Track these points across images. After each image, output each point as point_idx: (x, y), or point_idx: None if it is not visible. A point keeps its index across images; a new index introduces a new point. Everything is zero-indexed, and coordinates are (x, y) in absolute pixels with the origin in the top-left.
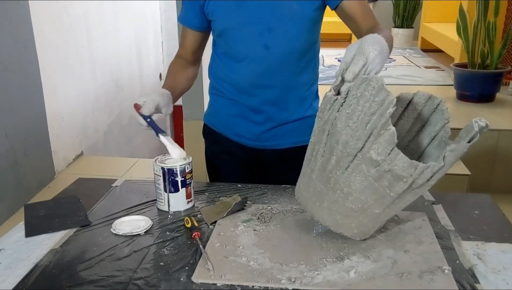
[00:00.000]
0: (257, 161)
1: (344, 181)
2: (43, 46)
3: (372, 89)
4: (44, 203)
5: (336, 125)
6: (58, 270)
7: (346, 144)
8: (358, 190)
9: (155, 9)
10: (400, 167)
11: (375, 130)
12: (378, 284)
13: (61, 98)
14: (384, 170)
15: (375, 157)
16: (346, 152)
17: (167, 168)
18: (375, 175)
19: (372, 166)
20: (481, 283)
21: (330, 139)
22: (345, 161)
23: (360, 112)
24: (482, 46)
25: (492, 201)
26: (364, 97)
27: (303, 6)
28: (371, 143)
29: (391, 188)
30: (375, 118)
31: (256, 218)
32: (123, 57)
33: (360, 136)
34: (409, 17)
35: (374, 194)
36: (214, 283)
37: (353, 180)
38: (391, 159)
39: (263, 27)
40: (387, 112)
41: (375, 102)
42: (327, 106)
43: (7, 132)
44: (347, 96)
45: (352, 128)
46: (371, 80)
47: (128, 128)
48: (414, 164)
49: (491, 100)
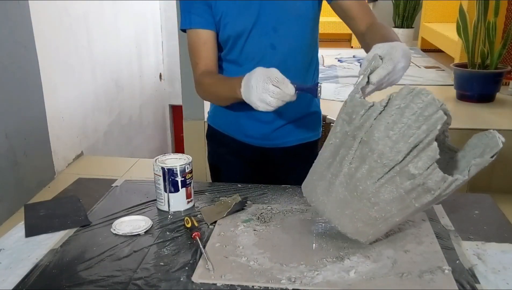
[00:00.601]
0: (265, 160)
1: (373, 191)
2: (43, 46)
3: (421, 102)
4: (44, 203)
5: (372, 134)
6: (58, 270)
7: (383, 155)
8: (386, 200)
9: (155, 9)
10: (433, 181)
11: (420, 145)
12: (378, 284)
13: (61, 98)
14: (418, 184)
15: (413, 171)
16: (381, 163)
17: (167, 168)
18: (408, 188)
19: (407, 179)
20: (481, 283)
21: (362, 147)
22: (379, 172)
23: (404, 124)
24: (482, 46)
25: (492, 201)
26: (411, 109)
27: (306, 4)
28: (412, 157)
29: (418, 200)
30: (420, 132)
31: (256, 218)
32: (123, 57)
33: (400, 148)
34: (409, 17)
35: (400, 204)
36: (214, 283)
37: (383, 191)
38: (428, 174)
39: (269, 27)
40: (436, 129)
41: (423, 116)
42: (357, 110)
43: (7, 132)
44: (387, 105)
45: (393, 139)
46: (421, 92)
47: (128, 128)
48: (445, 178)
49: (491, 100)
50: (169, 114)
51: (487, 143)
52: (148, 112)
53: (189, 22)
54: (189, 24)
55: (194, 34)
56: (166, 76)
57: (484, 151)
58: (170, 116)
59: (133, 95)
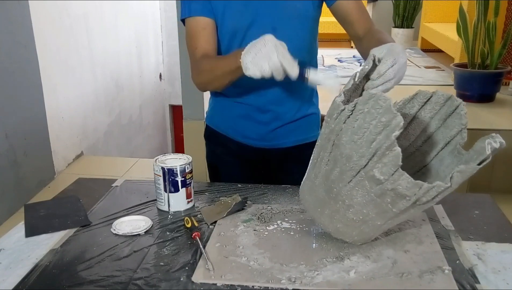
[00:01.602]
0: (263, 161)
1: (346, 194)
2: (43, 46)
3: (380, 107)
4: (44, 203)
5: (341, 137)
6: (58, 270)
7: (350, 159)
8: (360, 203)
9: (155, 9)
10: (403, 187)
11: (380, 151)
12: (378, 284)
13: (61, 98)
14: (387, 189)
15: (378, 176)
16: (349, 166)
17: (167, 168)
18: (378, 192)
19: (374, 183)
20: (481, 283)
21: (335, 150)
22: (348, 175)
23: (366, 129)
24: (482, 46)
25: (492, 201)
26: (371, 115)
27: (305, 5)
28: (375, 162)
29: (394, 205)
30: (380, 138)
31: (256, 218)
32: (123, 57)
33: (364, 153)
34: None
35: (376, 208)
36: (214, 283)
37: (355, 194)
38: (394, 179)
39: (268, 27)
40: (392, 135)
41: (381, 122)
42: (334, 113)
43: (7, 132)
44: (354, 109)
45: (357, 143)
46: (379, 98)
47: (128, 128)
48: (419, 185)
49: (491, 100)
50: (169, 114)
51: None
52: (148, 112)
53: (188, 10)
54: (188, 12)
55: (193, 21)
56: (166, 76)
57: (472, 158)
58: (170, 116)
59: (133, 95)
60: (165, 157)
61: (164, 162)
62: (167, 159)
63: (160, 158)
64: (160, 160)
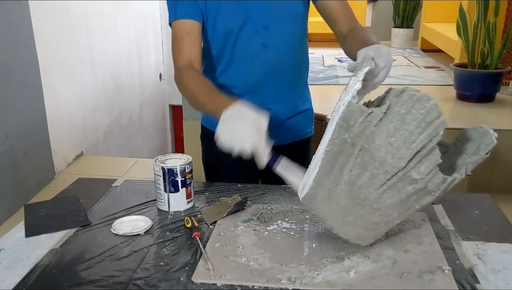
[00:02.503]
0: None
1: (376, 198)
2: (43, 46)
3: (423, 108)
4: (44, 203)
5: (373, 141)
6: (58, 270)
7: (385, 162)
8: (388, 205)
9: (155, 9)
10: (434, 184)
11: (423, 151)
12: (378, 284)
13: (61, 98)
14: (420, 188)
15: (416, 176)
16: (383, 169)
17: (167, 168)
18: (410, 192)
19: (409, 184)
20: (481, 283)
21: (363, 155)
22: (381, 179)
23: (405, 131)
24: (482, 46)
25: (492, 201)
26: (412, 115)
27: (294, 3)
28: (415, 163)
29: (418, 201)
30: (422, 138)
31: (256, 218)
32: (123, 57)
33: (403, 155)
34: (409, 17)
35: (401, 208)
36: (214, 283)
37: (385, 196)
38: (430, 178)
39: (260, 26)
40: (439, 135)
41: (425, 122)
42: (355, 116)
43: (7, 132)
44: (387, 111)
45: (394, 146)
46: (422, 98)
47: (128, 128)
48: (445, 179)
49: (491, 100)
50: (169, 114)
51: (482, 140)
52: (148, 112)
53: (174, 14)
54: (174, 15)
55: (178, 25)
56: (166, 76)
57: (479, 148)
58: (170, 116)
59: (133, 95)
60: (165, 157)
61: (164, 162)
62: (167, 159)
63: (160, 158)
64: (160, 160)
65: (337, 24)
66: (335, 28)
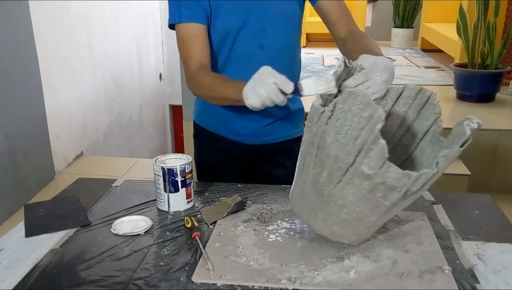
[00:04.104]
0: (254, 157)
1: (338, 194)
2: (43, 46)
3: (359, 103)
4: (44, 203)
5: (325, 139)
6: (58, 270)
7: (337, 159)
8: (352, 202)
9: (155, 9)
10: (393, 179)
11: (365, 146)
12: (378, 284)
13: (61, 98)
14: (377, 183)
15: (367, 171)
16: (337, 166)
17: (167, 168)
18: (368, 188)
19: (364, 179)
20: (481, 283)
21: (320, 153)
22: (337, 175)
23: (349, 127)
24: (482, 46)
25: (492, 201)
26: (352, 112)
27: (291, 4)
28: (362, 158)
29: (386, 198)
30: (364, 133)
31: (256, 218)
32: (123, 57)
33: (350, 151)
34: (409, 17)
35: (368, 204)
36: (214, 283)
37: (346, 193)
38: (383, 172)
39: (257, 27)
40: (376, 128)
41: (363, 117)
42: (314, 117)
43: (7, 132)
44: (334, 109)
45: (342, 142)
46: (358, 94)
47: (128, 128)
48: (407, 174)
49: (491, 100)
50: (169, 114)
51: (459, 132)
52: (148, 112)
53: (178, 16)
54: (178, 18)
55: (184, 28)
56: (166, 76)
57: (454, 141)
58: (170, 116)
59: (133, 95)
60: (165, 157)
61: (164, 162)
62: (167, 159)
63: (160, 158)
64: (160, 160)
65: (335, 27)
66: (333, 31)
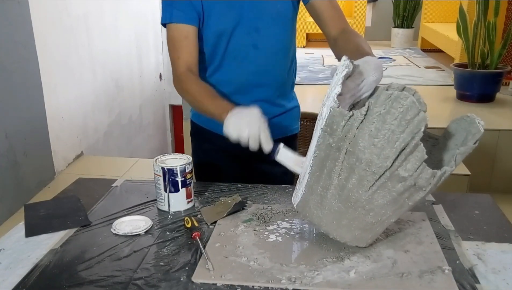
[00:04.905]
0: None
1: (367, 199)
2: (43, 46)
3: (401, 106)
4: (44, 203)
5: (357, 144)
6: (58, 270)
7: (371, 163)
8: (380, 205)
9: (155, 9)
10: (424, 179)
11: (407, 149)
12: (378, 284)
13: (61, 98)
14: (410, 185)
15: (403, 174)
16: (371, 170)
17: (167, 168)
18: (400, 190)
19: (398, 182)
20: (481, 283)
21: (349, 158)
22: (370, 180)
23: (387, 130)
24: (482, 46)
25: (492, 201)
26: (392, 115)
27: (285, 4)
28: (401, 161)
29: (410, 198)
30: (405, 136)
31: (256, 218)
32: (123, 57)
33: (388, 154)
34: (409, 17)
35: (394, 206)
36: (214, 283)
37: (377, 197)
38: (418, 174)
39: (251, 27)
40: (420, 131)
41: (405, 120)
42: (337, 120)
43: (7, 132)
44: (367, 113)
45: (378, 146)
46: (399, 96)
47: (128, 128)
48: (434, 173)
49: (491, 100)
50: (169, 114)
51: (469, 129)
52: (148, 112)
53: (170, 16)
54: (170, 18)
55: (174, 29)
56: (166, 76)
57: (467, 138)
58: (170, 116)
59: (133, 95)
60: (165, 157)
61: (164, 162)
62: (167, 159)
63: (160, 158)
64: (160, 160)
65: (327, 26)
66: (324, 29)
